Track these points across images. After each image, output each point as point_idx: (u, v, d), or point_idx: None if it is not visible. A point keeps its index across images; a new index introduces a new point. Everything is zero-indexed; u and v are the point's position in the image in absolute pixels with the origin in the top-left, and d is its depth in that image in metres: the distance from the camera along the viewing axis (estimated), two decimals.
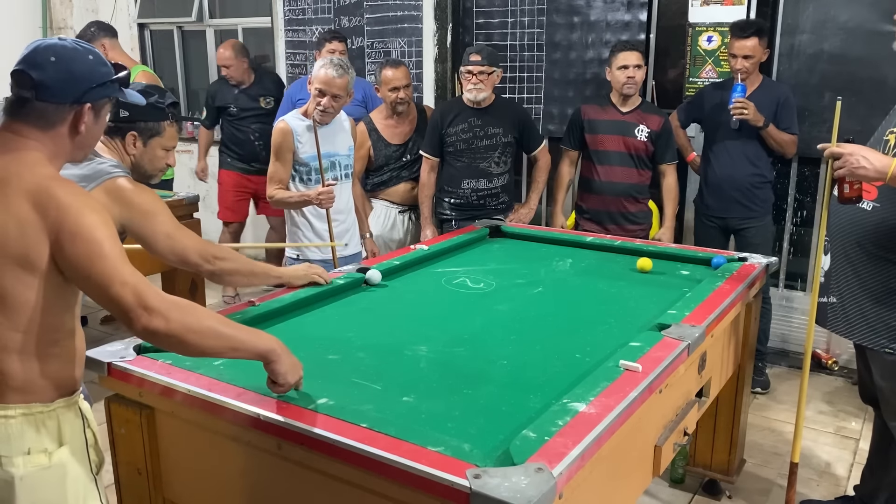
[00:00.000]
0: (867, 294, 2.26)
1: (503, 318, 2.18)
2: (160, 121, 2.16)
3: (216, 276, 2.13)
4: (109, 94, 1.51)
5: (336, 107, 3.02)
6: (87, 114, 1.47)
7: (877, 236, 2.20)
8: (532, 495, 1.17)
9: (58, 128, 1.44)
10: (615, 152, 3.52)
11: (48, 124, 1.44)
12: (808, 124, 3.63)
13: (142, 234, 2.01)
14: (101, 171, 1.98)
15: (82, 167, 1.98)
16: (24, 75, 1.41)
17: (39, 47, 1.42)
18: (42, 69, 1.40)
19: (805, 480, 2.84)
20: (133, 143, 2.13)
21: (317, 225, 3.14)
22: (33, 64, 1.41)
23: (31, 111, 1.42)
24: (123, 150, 2.13)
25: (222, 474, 1.66)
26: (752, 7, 3.66)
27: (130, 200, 1.98)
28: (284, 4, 5.15)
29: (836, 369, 3.88)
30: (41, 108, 1.42)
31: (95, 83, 1.46)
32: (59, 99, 1.42)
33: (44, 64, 1.41)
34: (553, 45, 4.28)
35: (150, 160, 2.18)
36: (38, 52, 1.42)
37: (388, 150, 3.73)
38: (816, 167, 3.84)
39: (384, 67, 3.65)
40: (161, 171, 2.25)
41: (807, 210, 3.92)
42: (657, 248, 2.91)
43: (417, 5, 4.56)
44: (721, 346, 2.31)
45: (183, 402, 1.61)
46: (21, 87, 1.41)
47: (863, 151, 2.08)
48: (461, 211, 3.64)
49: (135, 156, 2.14)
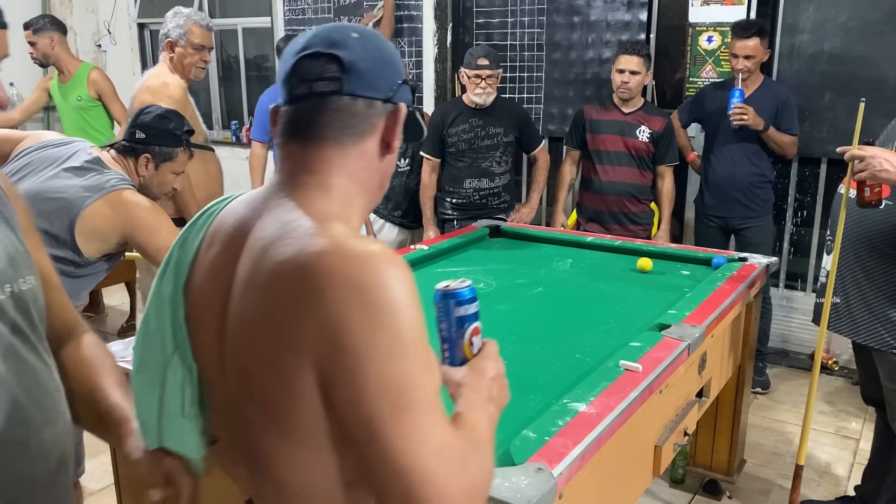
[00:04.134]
0: (877, 293, 2.24)
1: (503, 318, 2.18)
2: (175, 147, 2.18)
3: None
4: (409, 99, 0.99)
5: None
6: (399, 119, 0.97)
7: (890, 235, 2.19)
8: (532, 495, 1.17)
9: (366, 140, 0.94)
10: (616, 152, 3.51)
11: (355, 134, 0.92)
12: (808, 124, 3.62)
13: (144, 248, 2.02)
14: (106, 182, 2.00)
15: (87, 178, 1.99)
16: (326, 59, 0.90)
17: (325, 28, 0.95)
18: (348, 48, 0.91)
19: (805, 480, 2.84)
20: (146, 165, 2.15)
21: None
22: (332, 42, 0.91)
23: (334, 116, 0.91)
24: (134, 171, 2.15)
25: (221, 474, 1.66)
26: (752, 7, 3.66)
27: (133, 214, 1.99)
28: (284, 4, 5.15)
29: (837, 369, 3.87)
30: (348, 107, 0.91)
31: (401, 77, 0.97)
32: (373, 91, 0.92)
33: (346, 41, 0.91)
34: (553, 44, 4.28)
35: (158, 184, 2.21)
36: (332, 30, 0.93)
37: None
38: (817, 167, 3.84)
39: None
40: (167, 194, 2.28)
41: (807, 210, 3.92)
42: (657, 248, 2.91)
43: (417, 5, 4.56)
44: (721, 346, 2.31)
45: None
46: (318, 79, 0.90)
47: (885, 154, 2.05)
48: (463, 211, 3.64)
49: (144, 177, 2.17)
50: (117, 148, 2.17)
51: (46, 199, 1.95)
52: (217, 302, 0.91)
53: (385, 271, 0.77)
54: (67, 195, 1.95)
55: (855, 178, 2.12)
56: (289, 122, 0.93)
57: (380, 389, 0.74)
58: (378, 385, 0.74)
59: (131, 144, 2.14)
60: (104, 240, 1.99)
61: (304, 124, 0.91)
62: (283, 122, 0.94)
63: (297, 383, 0.78)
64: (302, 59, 0.91)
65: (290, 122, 0.92)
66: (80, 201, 1.95)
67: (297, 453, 0.83)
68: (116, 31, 6.17)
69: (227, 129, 5.78)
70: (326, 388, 0.77)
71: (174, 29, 3.03)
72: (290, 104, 0.92)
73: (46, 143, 2.10)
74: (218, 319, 0.91)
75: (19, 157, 2.08)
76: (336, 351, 0.75)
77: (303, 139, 0.92)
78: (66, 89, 4.26)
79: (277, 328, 0.79)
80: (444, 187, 3.69)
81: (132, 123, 2.18)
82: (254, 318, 0.83)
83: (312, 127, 0.91)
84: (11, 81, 5.00)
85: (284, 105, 0.94)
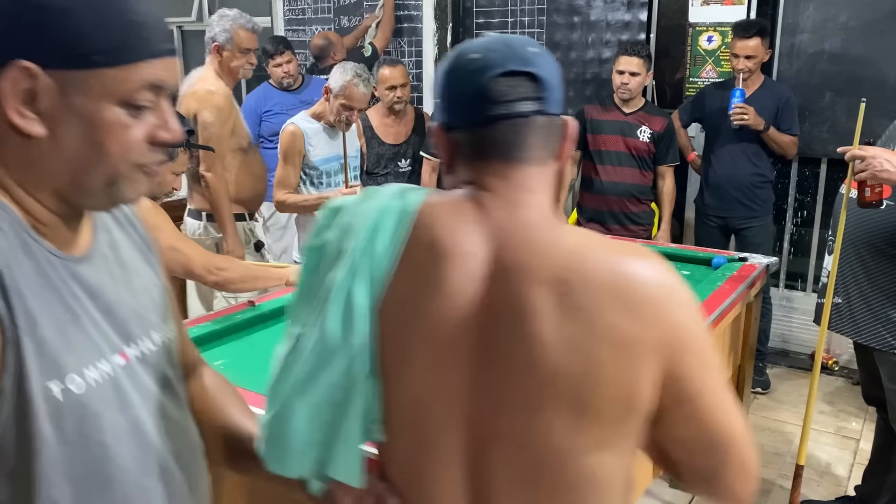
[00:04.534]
0: (878, 293, 2.24)
1: None
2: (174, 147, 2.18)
3: (220, 285, 2.15)
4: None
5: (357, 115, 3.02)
6: (571, 133, 0.96)
7: (891, 235, 2.19)
8: None
9: (553, 160, 0.95)
10: (616, 152, 3.52)
11: (552, 151, 0.94)
12: (808, 124, 3.62)
13: None
14: None
15: None
16: (524, 78, 0.90)
17: (502, 41, 0.93)
18: (539, 65, 0.91)
19: (805, 480, 2.83)
20: None
21: None
22: (524, 59, 0.90)
23: (539, 134, 0.91)
24: None
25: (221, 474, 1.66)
26: (752, 7, 3.66)
27: None
28: (284, 4, 5.15)
29: (837, 369, 3.87)
30: (547, 125, 0.92)
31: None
32: (558, 107, 0.93)
33: (535, 58, 0.91)
34: (553, 44, 4.28)
35: (158, 184, 2.20)
36: (516, 46, 0.92)
37: (381, 148, 3.70)
38: (817, 167, 3.84)
39: (381, 66, 3.64)
40: (167, 194, 2.28)
41: (807, 210, 3.92)
42: (658, 248, 2.91)
43: (417, 5, 4.56)
44: (721, 346, 2.31)
45: None
46: (522, 99, 0.89)
47: (886, 154, 2.05)
48: None
49: None
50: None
51: None
52: (456, 317, 0.86)
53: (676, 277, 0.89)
54: None
55: (856, 178, 2.12)
56: (491, 143, 0.90)
57: (713, 373, 0.88)
58: (712, 369, 0.88)
59: None
60: None
61: (513, 145, 0.90)
62: (483, 143, 0.91)
63: (641, 378, 0.84)
64: (497, 78, 0.89)
65: (495, 143, 0.90)
66: None
67: (611, 446, 0.87)
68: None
69: None
70: (669, 378, 0.85)
71: (221, 33, 3.06)
72: (487, 125, 0.90)
73: None
74: (465, 337, 0.87)
75: None
76: (682, 348, 0.85)
77: (510, 159, 0.91)
78: None
79: (622, 336, 0.83)
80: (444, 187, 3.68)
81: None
82: (582, 331, 0.83)
83: (521, 148, 0.90)
84: None
85: (475, 126, 0.91)
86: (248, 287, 2.26)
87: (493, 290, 0.86)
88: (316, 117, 3.00)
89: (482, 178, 0.91)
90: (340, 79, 2.87)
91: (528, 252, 0.86)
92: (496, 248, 0.87)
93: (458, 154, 0.94)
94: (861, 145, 2.14)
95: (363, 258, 0.89)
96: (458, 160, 0.94)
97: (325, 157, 2.98)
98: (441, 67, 0.95)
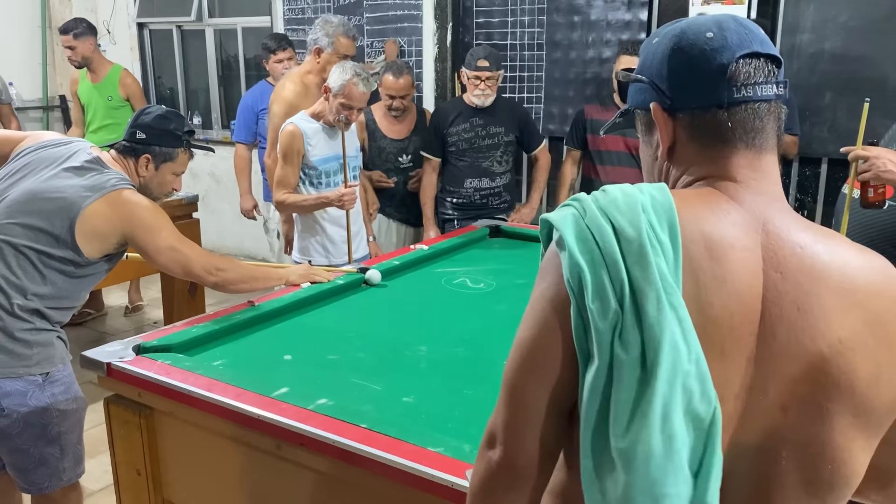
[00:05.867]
0: None
1: (503, 319, 2.18)
2: (175, 147, 2.19)
3: (220, 286, 2.15)
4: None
5: (358, 114, 3.02)
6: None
7: (893, 235, 2.18)
8: None
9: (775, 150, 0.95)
10: (617, 152, 3.51)
11: (777, 142, 0.94)
12: (808, 124, 3.62)
13: (143, 248, 2.02)
14: (106, 182, 2.00)
15: (87, 177, 1.99)
16: (767, 60, 0.90)
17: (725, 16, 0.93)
18: (774, 48, 0.94)
19: None
20: (146, 165, 2.15)
21: (330, 230, 3.05)
22: (763, 41, 0.92)
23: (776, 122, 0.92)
24: (135, 171, 2.16)
25: (221, 475, 1.66)
26: (752, 7, 3.66)
27: (133, 213, 1.99)
28: (284, 4, 5.15)
29: None
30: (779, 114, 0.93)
31: None
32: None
33: (768, 40, 0.93)
34: (553, 44, 4.28)
35: (158, 184, 2.21)
36: (744, 22, 0.92)
37: (383, 142, 3.69)
38: (817, 167, 3.84)
39: (387, 71, 3.56)
40: (167, 195, 2.29)
41: (808, 210, 3.92)
42: None
43: (417, 4, 4.56)
44: None
45: (182, 402, 1.61)
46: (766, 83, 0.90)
47: (889, 155, 2.04)
48: (464, 211, 3.63)
49: (144, 177, 2.17)
50: (117, 148, 2.17)
51: (46, 198, 1.95)
52: (740, 313, 0.82)
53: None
54: (67, 195, 1.95)
55: (859, 178, 2.12)
56: (737, 128, 0.87)
57: None
58: None
59: (132, 144, 2.14)
60: (104, 239, 1.99)
61: (758, 131, 0.88)
62: (725, 128, 0.87)
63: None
64: (741, 59, 0.86)
65: (741, 129, 0.87)
66: (80, 201, 1.95)
67: (873, 443, 0.86)
68: (116, 30, 6.18)
69: (227, 129, 5.78)
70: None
71: (323, 37, 3.31)
72: (730, 108, 0.87)
73: (46, 143, 2.10)
74: (748, 334, 0.82)
75: (19, 157, 2.08)
76: None
77: (754, 147, 0.88)
78: (98, 89, 4.43)
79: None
80: (444, 187, 3.68)
81: (132, 123, 2.18)
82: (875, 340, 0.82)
83: (764, 134, 0.89)
84: (11, 81, 5.00)
85: (716, 109, 0.87)
86: (247, 288, 2.26)
87: (773, 285, 0.82)
88: (315, 117, 2.99)
89: (726, 167, 0.88)
90: (340, 78, 2.86)
91: (801, 250, 0.83)
92: (764, 244, 0.84)
93: (687, 138, 0.89)
94: (864, 145, 2.13)
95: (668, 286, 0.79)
96: (688, 145, 0.90)
97: (324, 156, 2.98)
98: (661, 45, 0.90)
